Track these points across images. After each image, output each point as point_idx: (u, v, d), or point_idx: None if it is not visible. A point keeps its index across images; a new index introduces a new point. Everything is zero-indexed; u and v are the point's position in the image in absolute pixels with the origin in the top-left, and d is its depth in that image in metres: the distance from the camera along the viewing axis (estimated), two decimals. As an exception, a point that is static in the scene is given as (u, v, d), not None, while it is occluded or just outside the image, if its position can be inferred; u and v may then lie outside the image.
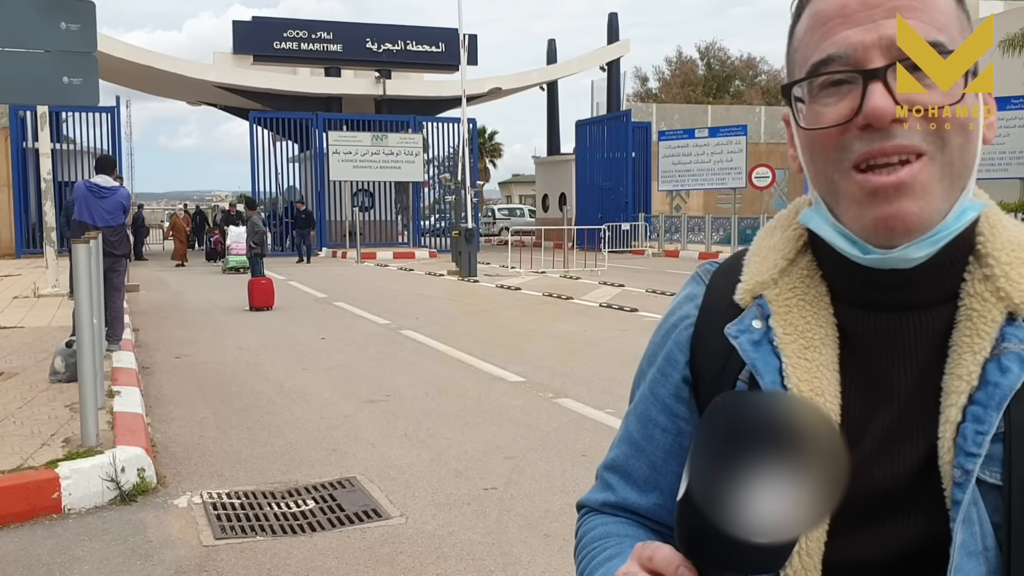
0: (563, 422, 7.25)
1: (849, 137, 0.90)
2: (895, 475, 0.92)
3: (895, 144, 0.88)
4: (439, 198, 39.17)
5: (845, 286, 0.98)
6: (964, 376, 0.90)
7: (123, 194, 10.23)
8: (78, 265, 6.22)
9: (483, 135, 61.38)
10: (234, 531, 4.96)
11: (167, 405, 8.03)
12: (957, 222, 0.90)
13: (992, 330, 0.90)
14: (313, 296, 18.05)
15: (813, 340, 0.97)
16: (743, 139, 30.62)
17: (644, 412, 1.13)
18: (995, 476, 0.88)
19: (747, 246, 1.10)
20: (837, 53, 0.90)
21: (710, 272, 1.12)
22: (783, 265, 1.02)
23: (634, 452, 1.13)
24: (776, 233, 1.06)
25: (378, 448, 6.60)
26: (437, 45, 36.71)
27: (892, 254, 0.90)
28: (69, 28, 8.23)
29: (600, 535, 1.11)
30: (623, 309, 14.73)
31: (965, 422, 0.88)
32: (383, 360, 10.36)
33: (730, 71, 58.57)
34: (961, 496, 0.87)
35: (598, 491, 1.18)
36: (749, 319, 1.01)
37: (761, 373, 0.97)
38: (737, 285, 1.04)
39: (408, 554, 4.63)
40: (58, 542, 4.83)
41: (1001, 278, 0.92)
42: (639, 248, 32.67)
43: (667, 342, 1.12)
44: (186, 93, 39.49)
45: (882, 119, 0.87)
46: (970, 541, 0.87)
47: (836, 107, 0.91)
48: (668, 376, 1.10)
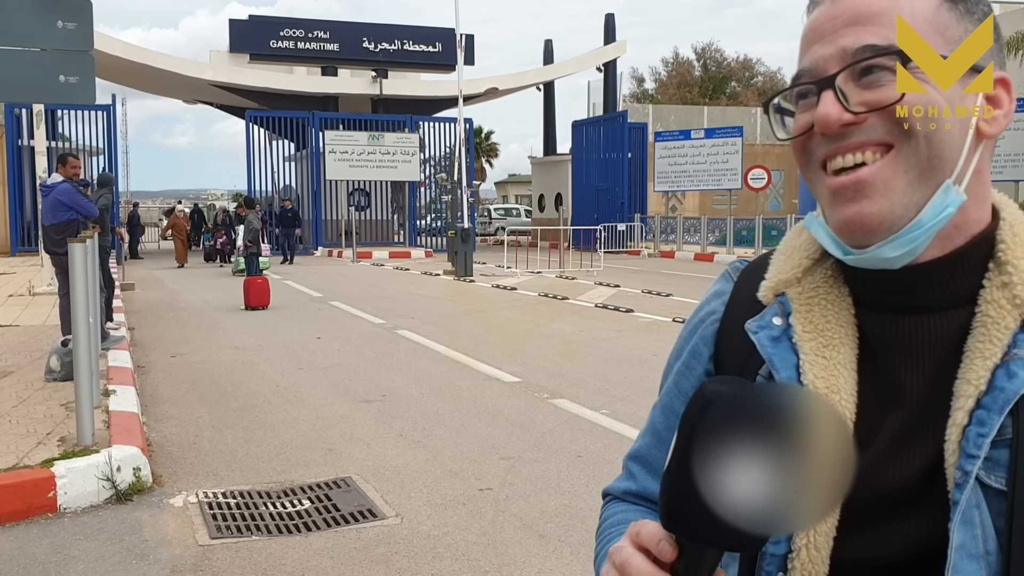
0: (559, 423, 7.26)
1: (814, 142, 0.95)
2: (904, 477, 0.93)
3: (849, 143, 0.91)
4: (435, 198, 39.18)
5: (862, 288, 1.00)
6: (973, 381, 0.90)
7: (60, 190, 9.67)
8: (74, 264, 6.21)
9: (479, 135, 61.45)
10: (230, 531, 4.96)
11: (163, 404, 8.03)
12: (934, 218, 0.90)
13: (1005, 337, 0.91)
14: (309, 295, 18.05)
15: (832, 339, 0.98)
16: (739, 140, 30.66)
17: (668, 404, 1.16)
18: (1000, 481, 0.89)
19: (775, 248, 1.11)
20: (805, 67, 0.96)
21: (739, 270, 1.14)
22: (807, 264, 1.04)
23: (656, 443, 1.17)
24: (804, 233, 1.06)
25: (373, 448, 6.61)
26: (434, 45, 36.72)
27: (867, 253, 0.92)
28: (66, 26, 8.23)
29: (617, 521, 1.15)
30: (619, 310, 14.74)
31: (970, 425, 0.89)
32: (379, 360, 10.36)
33: (726, 72, 58.61)
34: (959, 497, 0.88)
35: (622, 480, 1.22)
36: (770, 316, 1.03)
37: (778, 368, 0.99)
38: (761, 283, 1.06)
39: (403, 554, 4.64)
40: (54, 541, 4.83)
41: (1019, 286, 0.92)
42: (635, 249, 32.68)
43: (693, 336, 1.14)
44: (182, 91, 39.50)
45: (829, 125, 0.91)
46: (971, 544, 0.88)
47: (803, 117, 0.96)
48: (692, 369, 1.13)
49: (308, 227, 34.31)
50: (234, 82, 34.78)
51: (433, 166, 38.66)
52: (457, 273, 22.10)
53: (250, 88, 34.98)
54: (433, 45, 36.75)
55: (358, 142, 33.03)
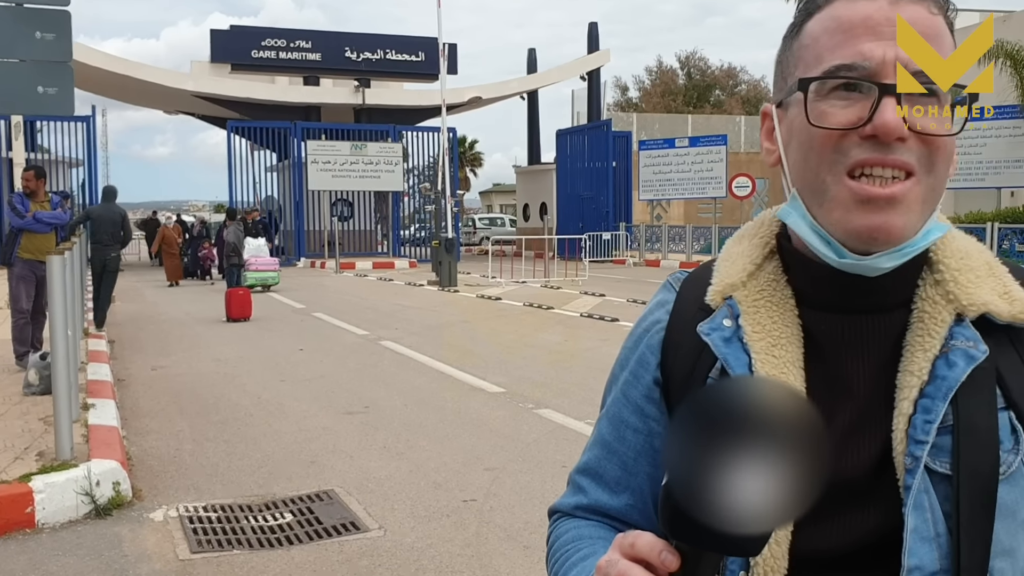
0: (543, 433, 7.23)
1: (849, 142, 0.95)
2: (855, 467, 0.97)
3: (894, 158, 0.93)
4: (419, 207, 39.12)
5: (811, 289, 1.04)
6: (916, 372, 0.97)
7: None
8: (52, 277, 6.14)
9: (463, 144, 61.48)
10: (211, 545, 4.90)
11: (143, 418, 7.95)
12: (924, 240, 0.97)
13: (942, 330, 0.98)
14: (291, 307, 17.96)
15: (779, 338, 1.03)
16: (723, 149, 30.74)
17: (616, 414, 1.18)
18: (945, 466, 0.94)
19: (714, 258, 1.15)
20: (858, 62, 0.95)
21: (680, 280, 1.17)
22: (751, 269, 1.08)
23: (606, 454, 1.17)
24: (744, 241, 1.12)
25: (356, 460, 6.55)
26: (417, 54, 36.72)
27: (865, 261, 0.96)
28: (44, 37, 8.16)
29: (573, 538, 1.15)
30: (604, 319, 14.73)
31: (916, 414, 0.95)
32: (362, 371, 10.31)
33: (710, 81, 58.83)
34: (911, 482, 0.94)
35: (570, 495, 1.22)
36: (720, 318, 1.06)
37: (732, 367, 1.02)
38: (708, 288, 1.09)
39: (387, 567, 4.59)
40: (32, 557, 4.76)
41: (950, 282, 1.00)
42: (620, 258, 32.72)
43: (639, 346, 1.16)
44: (163, 102, 39.32)
45: (889, 134, 0.92)
46: (922, 527, 0.94)
47: (844, 111, 0.95)
48: (640, 378, 1.15)
49: (291, 238, 34.16)
50: (215, 92, 34.64)
51: (416, 176, 38.62)
52: (441, 283, 22.05)
53: (231, 98, 34.85)
54: (416, 54, 36.74)
55: (341, 152, 32.97)
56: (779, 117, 1.05)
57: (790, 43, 1.04)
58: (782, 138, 1.03)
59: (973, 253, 1.04)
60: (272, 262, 22.14)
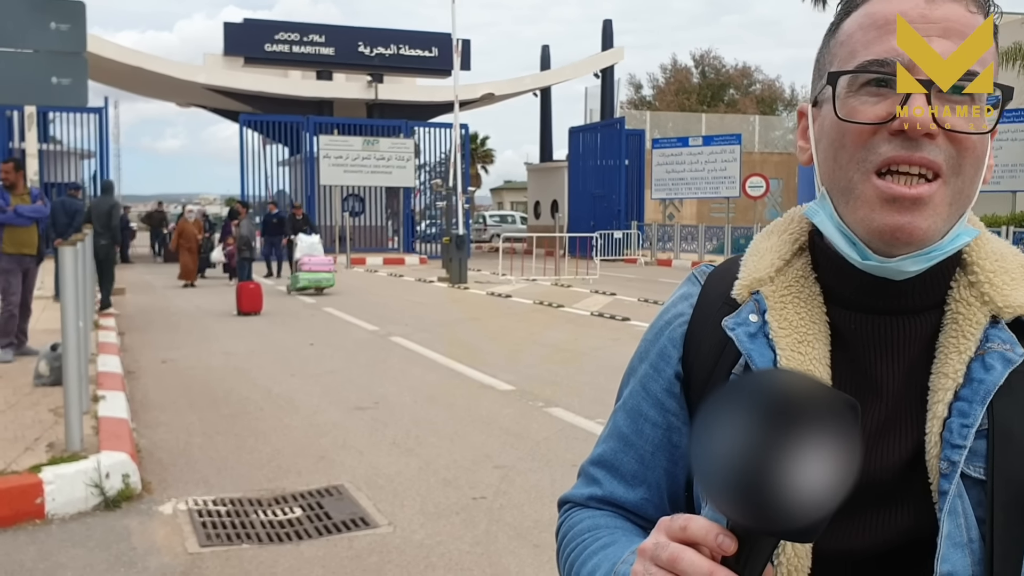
0: (553, 431, 7.20)
1: (878, 139, 0.94)
2: (883, 468, 0.96)
3: (921, 155, 0.92)
4: (430, 204, 39.12)
5: (840, 287, 1.03)
6: (950, 374, 0.95)
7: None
8: (64, 268, 6.14)
9: (475, 141, 61.40)
10: (219, 539, 4.89)
11: (153, 410, 7.95)
12: (952, 244, 0.96)
13: (977, 332, 0.97)
14: (302, 302, 17.97)
15: (807, 336, 1.01)
16: (737, 148, 30.63)
17: (634, 407, 1.15)
18: (979, 471, 0.93)
19: (740, 254, 1.13)
20: (890, 58, 0.93)
21: (705, 273, 1.15)
22: (779, 264, 1.06)
23: (623, 447, 1.16)
24: (773, 236, 1.11)
25: (366, 456, 6.54)
26: (430, 50, 36.72)
27: (889, 263, 0.95)
28: (59, 28, 8.15)
29: (590, 527, 1.14)
30: (615, 318, 14.69)
31: (951, 417, 0.94)
32: (372, 367, 10.30)
33: (725, 80, 58.57)
34: (948, 487, 0.92)
35: (583, 486, 1.21)
36: (746, 313, 1.05)
37: (756, 363, 1.01)
38: (734, 282, 1.08)
39: (396, 564, 4.57)
40: (41, 548, 4.76)
41: (985, 284, 0.99)
42: (631, 256, 32.62)
43: (660, 339, 1.15)
44: (175, 94, 39.41)
45: (917, 129, 0.91)
46: (956, 532, 0.92)
47: (875, 107, 0.94)
48: (661, 371, 1.13)
49: (302, 232, 34.18)
50: (228, 86, 34.70)
51: (428, 172, 38.60)
52: (452, 280, 22.03)
53: (244, 92, 34.89)
54: (429, 50, 36.75)
55: (353, 147, 32.95)
56: (813, 116, 1.04)
57: (828, 41, 1.03)
58: (814, 136, 1.03)
59: (1008, 256, 1.02)
60: (327, 262, 19.49)
